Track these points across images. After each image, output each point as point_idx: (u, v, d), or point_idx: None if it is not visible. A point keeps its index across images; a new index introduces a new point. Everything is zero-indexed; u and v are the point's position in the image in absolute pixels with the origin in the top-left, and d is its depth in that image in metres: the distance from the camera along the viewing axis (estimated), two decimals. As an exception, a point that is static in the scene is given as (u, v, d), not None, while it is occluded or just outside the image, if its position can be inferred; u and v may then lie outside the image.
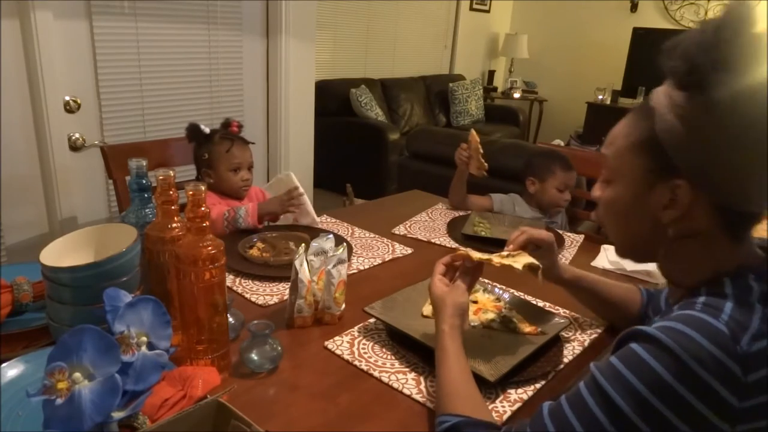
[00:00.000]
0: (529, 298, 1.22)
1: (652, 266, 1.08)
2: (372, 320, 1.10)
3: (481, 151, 1.77)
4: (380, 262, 1.42)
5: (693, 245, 0.68)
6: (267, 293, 1.21)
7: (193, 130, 1.55)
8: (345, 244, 1.17)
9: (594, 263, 1.50)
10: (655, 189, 0.67)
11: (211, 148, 1.56)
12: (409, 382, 0.93)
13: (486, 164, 1.77)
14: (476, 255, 0.95)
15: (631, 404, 0.56)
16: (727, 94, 0.59)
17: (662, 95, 0.66)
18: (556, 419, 0.63)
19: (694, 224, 0.66)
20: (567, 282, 1.11)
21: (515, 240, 1.05)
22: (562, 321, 1.10)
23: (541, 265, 0.95)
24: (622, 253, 0.80)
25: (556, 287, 1.13)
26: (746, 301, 0.59)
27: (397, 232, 1.64)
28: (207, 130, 1.56)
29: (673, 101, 0.64)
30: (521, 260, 0.96)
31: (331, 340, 1.04)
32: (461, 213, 1.85)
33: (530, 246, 1.05)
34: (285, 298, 1.17)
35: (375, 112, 4.38)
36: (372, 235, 1.60)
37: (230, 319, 0.97)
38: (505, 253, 1.01)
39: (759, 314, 0.57)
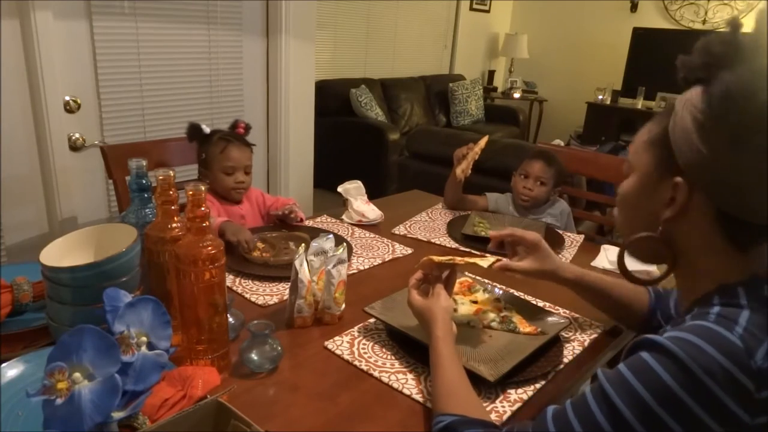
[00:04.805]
0: (529, 298, 1.22)
1: (652, 267, 1.08)
2: (372, 320, 1.10)
3: (476, 157, 1.77)
4: (380, 262, 1.42)
5: (698, 253, 0.67)
6: (267, 293, 1.21)
7: (193, 130, 1.55)
8: (345, 244, 1.17)
9: (594, 263, 1.50)
10: (660, 184, 0.67)
11: (208, 149, 1.55)
12: (409, 382, 0.93)
13: (469, 171, 1.78)
14: (438, 258, 0.99)
15: (635, 413, 0.55)
16: (717, 96, 0.58)
17: (686, 94, 0.66)
18: (559, 423, 0.62)
19: (693, 228, 0.65)
20: (570, 281, 1.09)
21: (498, 235, 1.10)
22: (562, 321, 1.10)
23: (491, 259, 1.03)
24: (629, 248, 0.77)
25: (556, 287, 1.12)
26: (762, 312, 0.57)
27: (397, 232, 1.64)
28: (207, 130, 1.56)
29: (689, 98, 0.64)
30: (488, 260, 1.03)
31: (331, 340, 1.04)
32: (461, 213, 1.85)
33: (520, 249, 1.10)
34: (285, 298, 1.17)
35: (375, 112, 4.37)
36: (372, 235, 1.60)
37: (230, 319, 0.97)
38: (487, 255, 1.09)
39: None
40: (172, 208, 0.97)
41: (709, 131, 0.60)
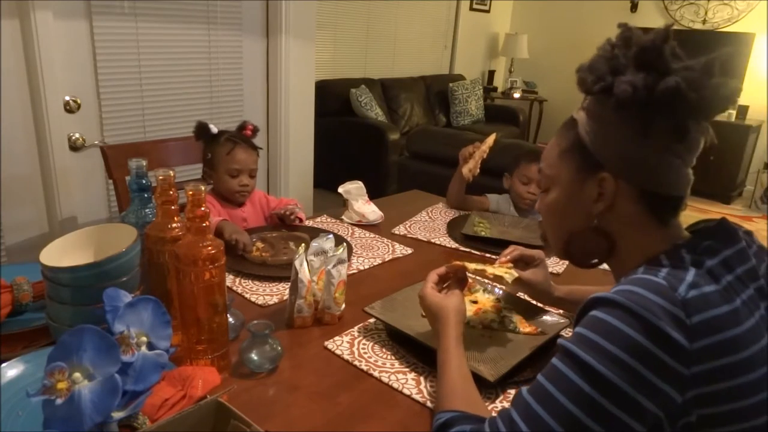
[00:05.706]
0: (529, 298, 1.22)
1: None
2: (372, 320, 1.10)
3: (485, 156, 1.77)
4: (380, 262, 1.42)
5: (627, 234, 0.74)
6: (267, 293, 1.21)
7: (201, 129, 1.54)
8: (345, 244, 1.17)
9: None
10: (585, 186, 0.75)
11: (215, 149, 1.54)
12: (409, 382, 0.93)
13: (478, 170, 1.78)
14: (472, 266, 1.00)
15: (606, 365, 0.60)
16: (627, 92, 0.67)
17: (581, 108, 0.76)
18: (537, 394, 0.65)
19: (621, 214, 0.73)
20: (560, 300, 1.13)
21: (507, 254, 1.11)
22: (562, 321, 1.10)
23: (515, 275, 1.05)
24: (562, 254, 0.84)
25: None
26: (680, 266, 0.66)
27: (397, 232, 1.64)
28: (215, 130, 1.55)
29: (588, 108, 0.74)
30: (511, 275, 1.03)
31: (331, 340, 1.04)
32: (461, 213, 1.85)
33: (521, 263, 1.11)
34: (285, 298, 1.17)
35: (375, 112, 4.38)
36: (372, 235, 1.61)
37: (230, 319, 0.97)
38: (496, 264, 1.09)
39: (692, 272, 0.65)
40: (172, 208, 0.97)
41: (618, 128, 0.70)
